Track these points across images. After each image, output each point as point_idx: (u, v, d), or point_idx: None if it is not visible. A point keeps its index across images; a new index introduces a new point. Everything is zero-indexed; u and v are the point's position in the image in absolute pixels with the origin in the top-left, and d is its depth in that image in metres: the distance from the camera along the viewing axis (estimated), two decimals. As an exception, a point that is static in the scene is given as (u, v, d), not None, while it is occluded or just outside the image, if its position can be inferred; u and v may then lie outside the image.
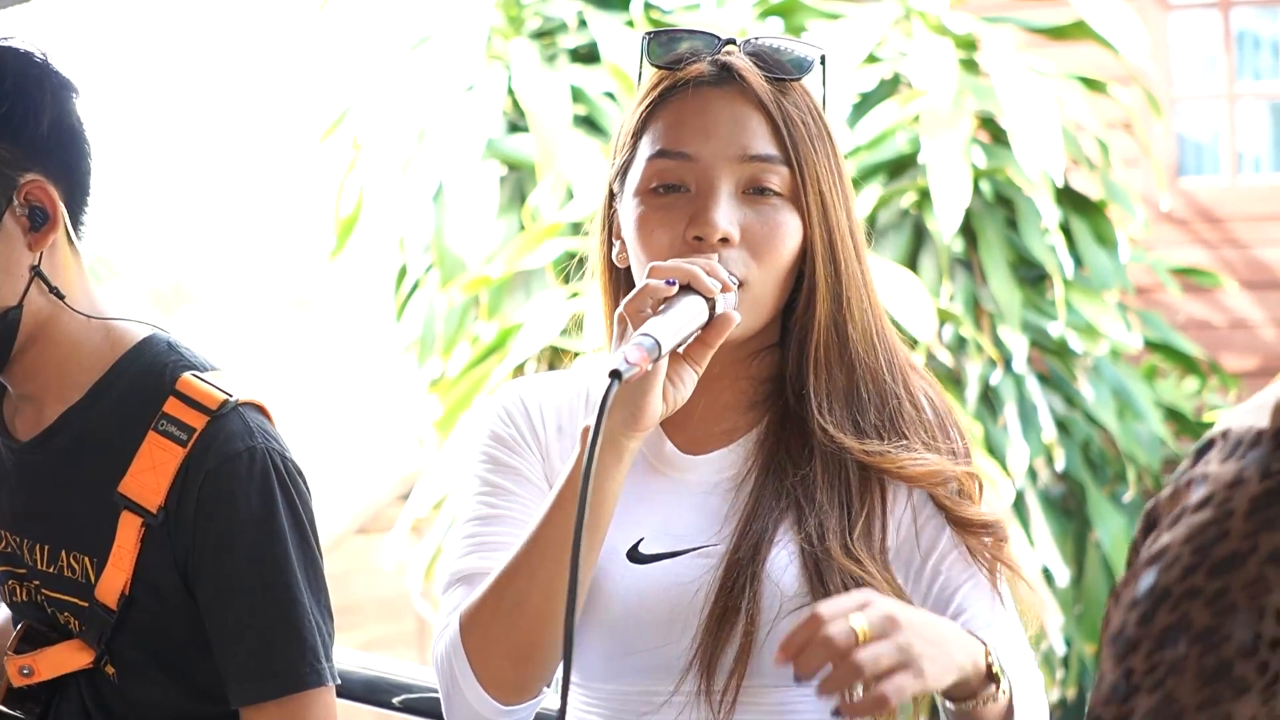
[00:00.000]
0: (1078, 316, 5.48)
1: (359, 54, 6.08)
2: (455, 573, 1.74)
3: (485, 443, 1.80)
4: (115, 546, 1.87)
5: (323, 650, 1.89)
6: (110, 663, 1.90)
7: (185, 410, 1.88)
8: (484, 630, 1.66)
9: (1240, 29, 7.64)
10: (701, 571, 1.69)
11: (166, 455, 1.87)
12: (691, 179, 1.70)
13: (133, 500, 1.87)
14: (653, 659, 1.69)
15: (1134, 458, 5.62)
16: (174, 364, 1.92)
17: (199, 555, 1.87)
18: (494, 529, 1.74)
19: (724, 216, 1.67)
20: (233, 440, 1.87)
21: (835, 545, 1.68)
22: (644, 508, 1.74)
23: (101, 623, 1.88)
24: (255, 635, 1.86)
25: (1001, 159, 5.45)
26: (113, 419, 1.91)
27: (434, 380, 5.70)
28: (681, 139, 1.71)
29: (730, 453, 1.76)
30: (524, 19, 5.98)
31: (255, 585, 1.87)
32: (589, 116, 5.70)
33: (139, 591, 1.87)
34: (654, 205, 1.70)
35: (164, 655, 1.91)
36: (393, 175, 5.70)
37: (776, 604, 1.67)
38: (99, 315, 1.94)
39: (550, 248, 5.29)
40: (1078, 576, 5.60)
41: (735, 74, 1.72)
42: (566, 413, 1.80)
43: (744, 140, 1.70)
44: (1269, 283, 7.33)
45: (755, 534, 1.69)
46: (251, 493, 1.87)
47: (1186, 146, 7.67)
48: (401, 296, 5.92)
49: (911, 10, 5.59)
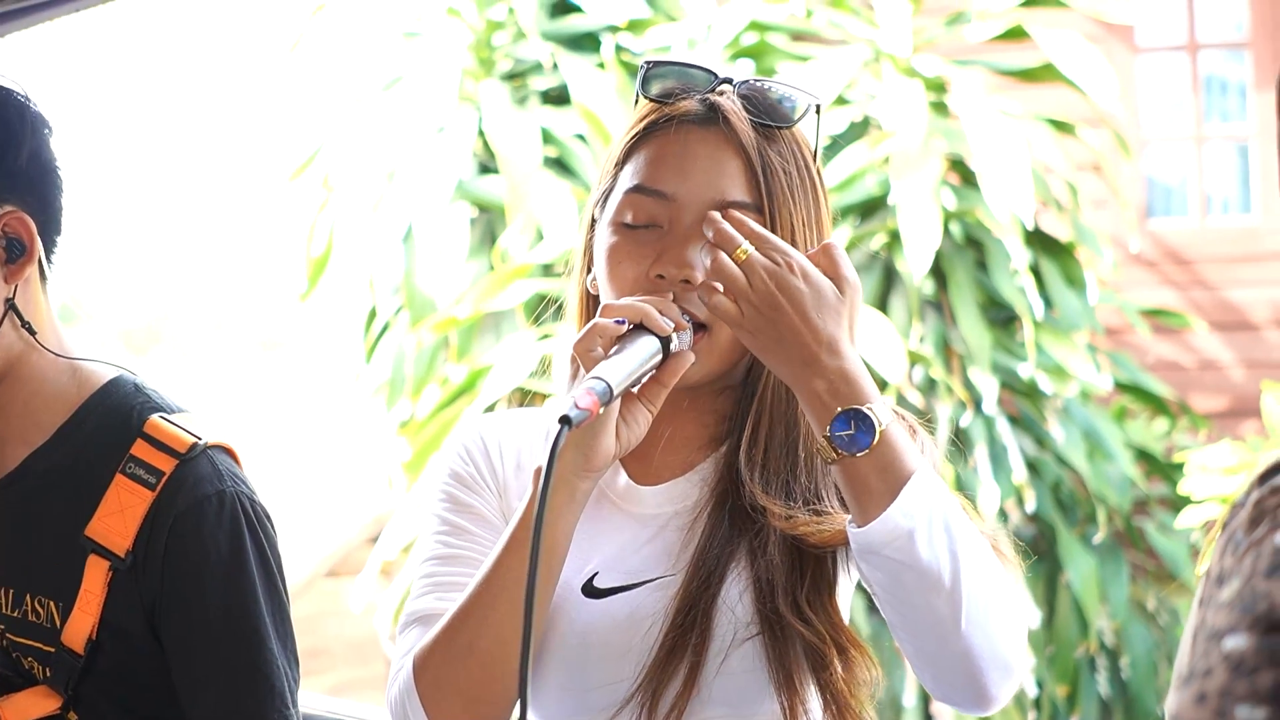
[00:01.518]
0: (1048, 358, 5.49)
1: (330, 94, 6.07)
2: (412, 613, 1.73)
3: (445, 481, 1.79)
4: (82, 590, 1.85)
5: (290, 697, 1.87)
6: (75, 709, 1.88)
7: (153, 453, 1.87)
8: (436, 673, 1.65)
9: (1208, 73, 7.69)
10: (657, 604, 1.68)
11: (134, 499, 1.85)
12: (665, 217, 1.70)
13: (100, 544, 1.85)
14: (610, 694, 1.68)
15: (1104, 499, 5.62)
16: (141, 406, 1.91)
17: (166, 600, 1.85)
18: (451, 569, 1.74)
19: (689, 257, 1.67)
20: (201, 484, 1.86)
21: (783, 605, 1.67)
22: (598, 540, 1.74)
23: (68, 668, 1.86)
24: (223, 681, 1.85)
25: (971, 201, 5.46)
26: (79, 461, 1.89)
27: (403, 422, 5.67)
28: (659, 176, 1.70)
29: (685, 482, 1.76)
30: (495, 61, 5.99)
31: (223, 631, 1.85)
32: (560, 158, 5.71)
33: (106, 636, 1.85)
34: (625, 238, 1.71)
35: (130, 701, 1.89)
36: (363, 216, 5.69)
37: (731, 633, 1.66)
38: (67, 355, 1.93)
39: (520, 289, 5.28)
40: (1049, 618, 5.59)
41: (721, 115, 1.72)
42: (527, 450, 1.80)
43: (720, 184, 1.70)
44: (1238, 324, 7.35)
45: (710, 565, 1.69)
46: (220, 537, 1.85)
47: (1155, 189, 7.70)
48: (371, 338, 5.90)
49: (881, 53, 5.61)
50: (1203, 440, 6.43)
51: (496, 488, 1.78)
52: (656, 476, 1.77)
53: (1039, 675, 5.49)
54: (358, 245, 5.71)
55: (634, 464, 1.78)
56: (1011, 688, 1.58)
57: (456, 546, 1.75)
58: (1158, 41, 7.67)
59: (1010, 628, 1.56)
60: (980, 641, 1.54)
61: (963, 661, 1.55)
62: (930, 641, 1.55)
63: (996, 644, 1.55)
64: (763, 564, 1.68)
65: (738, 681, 1.67)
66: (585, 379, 1.55)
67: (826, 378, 1.54)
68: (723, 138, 1.71)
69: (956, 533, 1.54)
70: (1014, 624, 1.57)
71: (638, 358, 1.59)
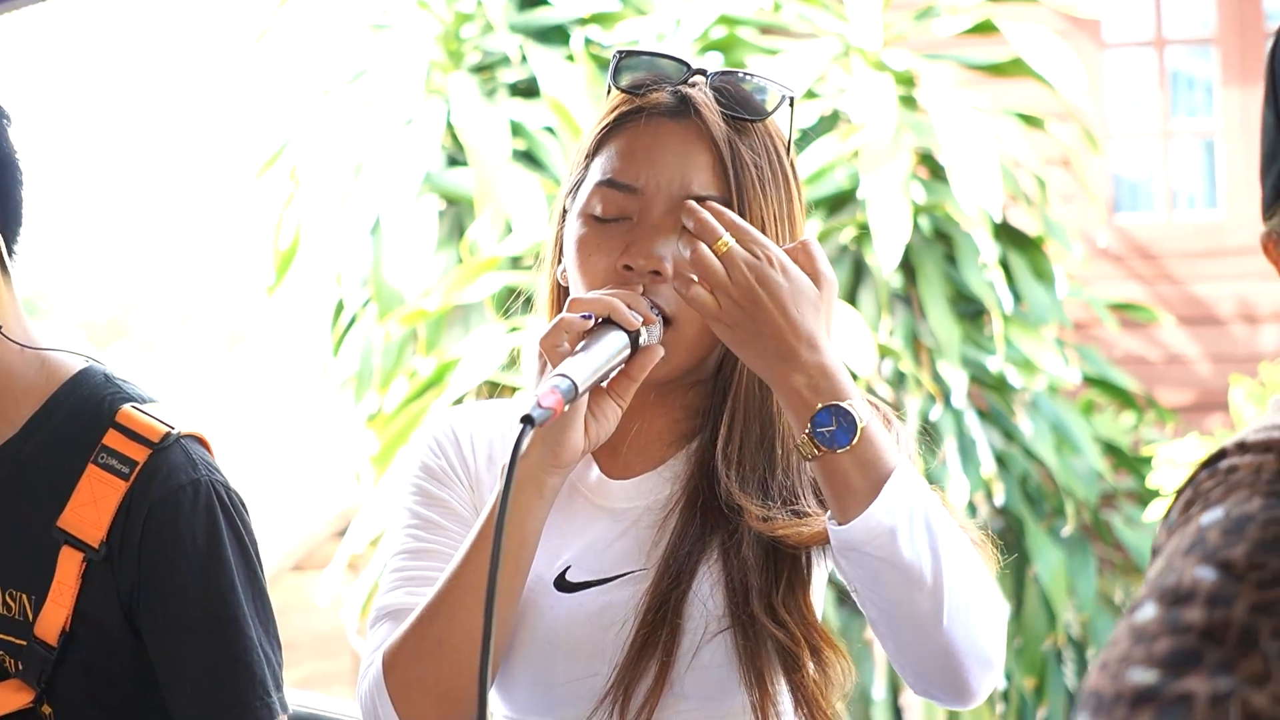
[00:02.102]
0: (1016, 352, 5.50)
1: (297, 87, 6.05)
2: (382, 608, 1.72)
3: (415, 474, 1.78)
4: (55, 583, 1.84)
5: (272, 682, 1.87)
6: (48, 702, 1.87)
7: (126, 443, 1.86)
8: (405, 669, 1.63)
9: (1175, 68, 7.72)
10: (629, 598, 1.68)
11: (108, 489, 1.84)
12: (634, 209, 1.68)
13: (73, 535, 1.84)
14: (581, 689, 1.68)
15: (1072, 492, 5.64)
16: (112, 396, 1.90)
17: (144, 591, 1.84)
18: (421, 563, 1.73)
19: (656, 249, 1.65)
20: (176, 473, 1.85)
21: (756, 607, 1.66)
22: (570, 534, 1.73)
23: (41, 661, 1.84)
24: (204, 670, 1.84)
25: (940, 195, 5.47)
26: (50, 452, 1.88)
27: (371, 415, 5.66)
28: (628, 170, 1.69)
29: (656, 477, 1.75)
30: (463, 53, 5.97)
31: (202, 619, 1.84)
32: (528, 151, 5.69)
33: (79, 628, 1.84)
34: (595, 230, 1.69)
35: (104, 693, 1.88)
36: (330, 209, 5.67)
37: (702, 627, 1.66)
38: (34, 346, 1.92)
39: (489, 281, 5.27)
40: (1017, 611, 5.61)
41: (692, 107, 1.70)
42: (499, 442, 1.79)
43: (689, 176, 1.68)
44: (1204, 318, 7.39)
45: (681, 561, 1.68)
46: (197, 526, 1.85)
47: (1122, 184, 7.73)
48: (339, 331, 5.89)
49: (850, 47, 5.61)
50: (1170, 434, 6.46)
51: (469, 480, 1.77)
52: (628, 470, 1.76)
53: (1007, 668, 5.51)
54: (325, 238, 5.69)
55: (606, 458, 1.77)
56: (992, 681, 1.58)
57: (426, 540, 1.74)
58: (1125, 37, 7.70)
59: (991, 622, 1.56)
60: (961, 637, 1.54)
61: (944, 657, 1.54)
62: (911, 638, 1.54)
63: (977, 639, 1.55)
64: (736, 564, 1.67)
65: (710, 676, 1.66)
66: (550, 375, 1.53)
67: (806, 373, 1.53)
68: (694, 130, 1.69)
69: (938, 529, 1.53)
70: (994, 618, 1.57)
71: (605, 353, 1.58)
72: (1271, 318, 7.32)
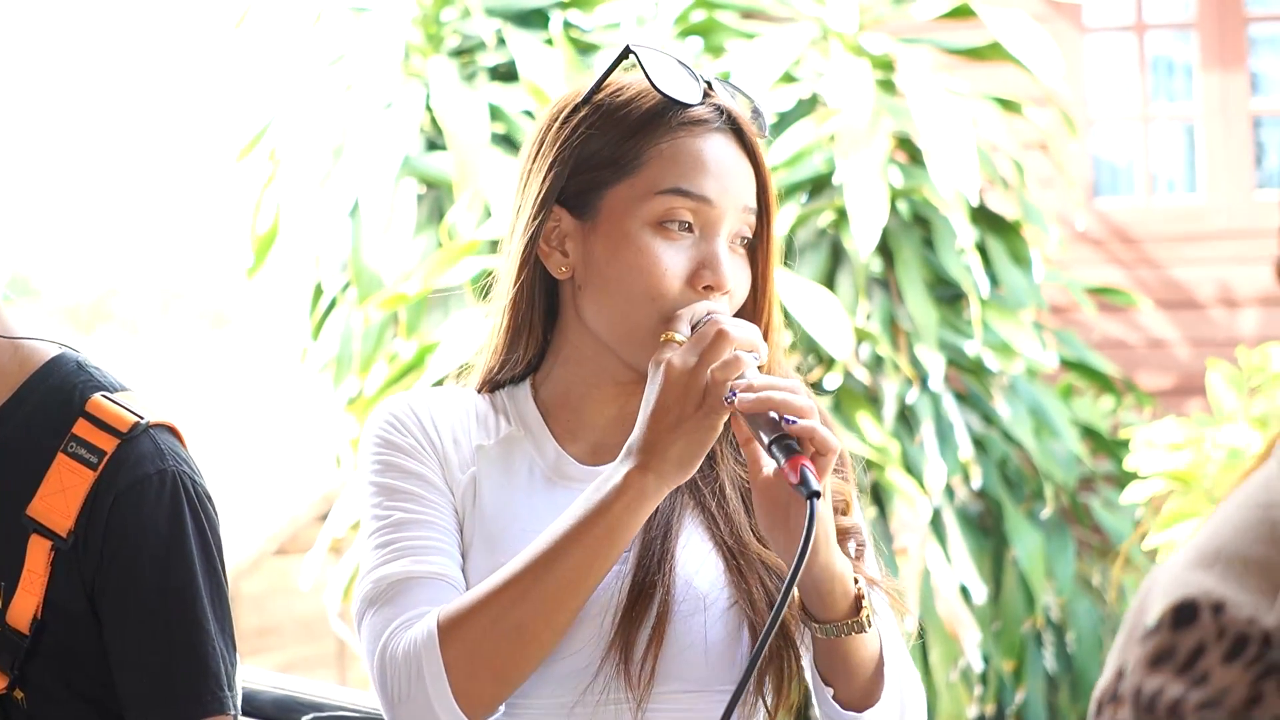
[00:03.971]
0: (994, 335, 5.52)
1: (277, 70, 6.04)
2: (384, 577, 1.71)
3: (378, 451, 1.78)
4: (25, 571, 1.84)
5: (225, 679, 1.87)
6: (21, 688, 1.87)
7: (95, 432, 1.86)
8: (473, 646, 1.64)
9: (1155, 53, 7.73)
10: (611, 579, 1.69)
11: (76, 478, 1.84)
12: (700, 222, 1.71)
13: (41, 523, 1.84)
14: (571, 664, 1.69)
15: (1051, 475, 5.66)
16: (83, 384, 1.90)
17: (104, 579, 1.84)
18: (412, 533, 1.73)
19: (727, 269, 1.71)
20: (143, 463, 1.85)
21: (746, 535, 1.72)
22: (549, 522, 1.75)
23: (14, 648, 1.85)
24: (158, 661, 1.84)
25: (918, 179, 5.48)
26: (21, 440, 1.88)
27: (351, 399, 5.66)
28: (703, 182, 1.71)
29: None
30: (443, 37, 5.97)
31: (159, 610, 1.84)
32: (507, 135, 5.70)
33: (50, 616, 1.85)
34: (667, 240, 1.71)
35: (75, 679, 1.88)
36: (310, 192, 5.67)
37: (688, 601, 1.69)
38: (8, 333, 1.92)
39: (468, 265, 5.27)
40: (995, 594, 5.64)
41: (734, 122, 1.74)
42: (461, 426, 1.80)
43: (746, 190, 1.74)
44: (1183, 302, 7.41)
45: (659, 536, 1.71)
46: (160, 517, 1.85)
47: (1102, 168, 7.75)
48: (318, 314, 5.88)
49: (828, 31, 5.62)
50: (1148, 418, 6.48)
51: (438, 456, 1.78)
52: (600, 456, 1.78)
53: (985, 650, 5.53)
54: (304, 222, 5.69)
55: (575, 446, 1.80)
56: None
57: (412, 511, 1.74)
58: (1105, 21, 7.72)
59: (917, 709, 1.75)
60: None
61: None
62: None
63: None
64: (718, 505, 1.74)
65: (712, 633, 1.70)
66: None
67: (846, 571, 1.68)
68: (738, 143, 1.74)
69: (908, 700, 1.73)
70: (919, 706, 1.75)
71: None
72: (1251, 302, 7.35)
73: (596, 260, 1.73)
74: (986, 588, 5.55)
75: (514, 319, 1.79)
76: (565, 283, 1.77)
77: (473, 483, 1.77)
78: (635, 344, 1.72)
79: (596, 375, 1.78)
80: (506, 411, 1.81)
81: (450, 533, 1.74)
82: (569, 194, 1.75)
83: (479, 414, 1.81)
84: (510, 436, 1.80)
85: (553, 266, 1.76)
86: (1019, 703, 5.68)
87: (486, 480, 1.77)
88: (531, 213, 1.76)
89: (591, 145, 1.74)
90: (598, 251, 1.73)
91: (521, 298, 1.78)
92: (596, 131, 1.74)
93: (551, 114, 1.79)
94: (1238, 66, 7.40)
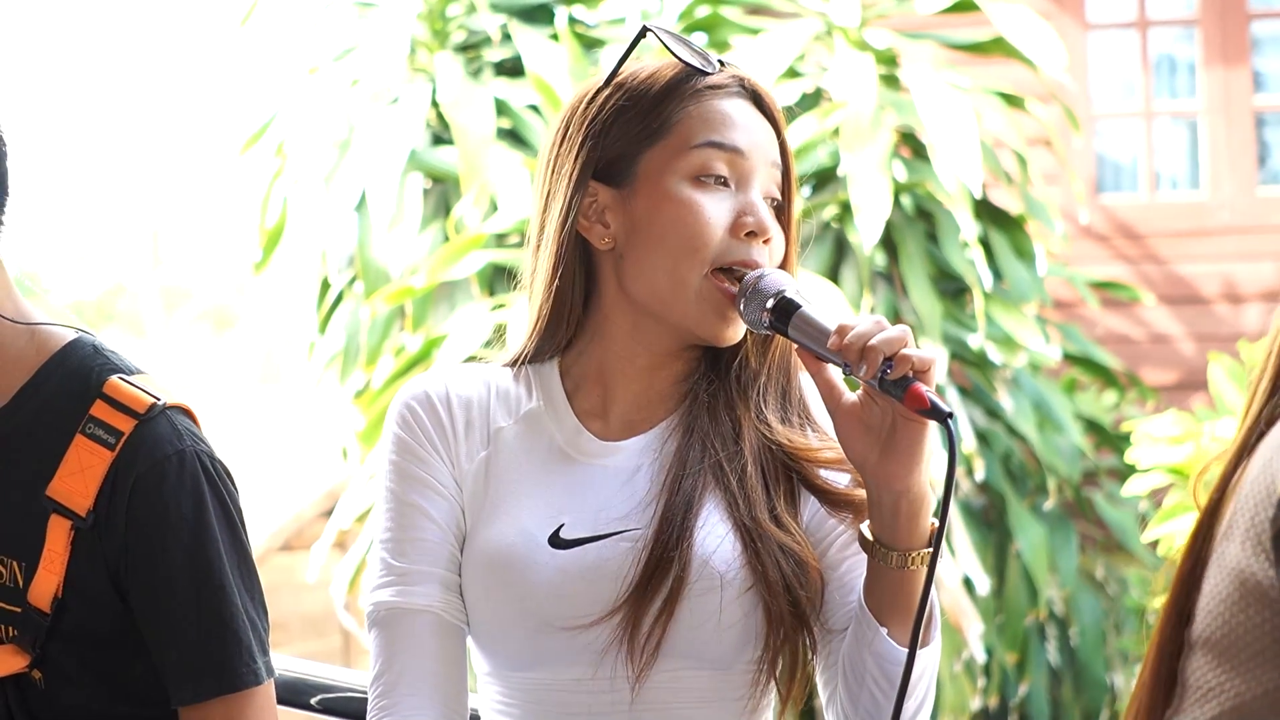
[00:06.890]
0: (997, 329, 5.53)
1: (283, 65, 6.06)
2: (374, 606, 1.81)
3: (392, 454, 1.83)
4: (45, 550, 1.87)
5: (257, 647, 1.90)
6: (39, 667, 1.90)
7: (113, 414, 1.88)
8: None
9: (1158, 50, 7.75)
10: (625, 553, 1.72)
11: (94, 459, 1.87)
12: (735, 174, 1.77)
13: (61, 503, 1.87)
14: (573, 641, 1.72)
15: (1054, 469, 5.68)
16: (101, 367, 1.92)
17: (131, 559, 1.87)
18: (406, 561, 1.79)
19: (765, 215, 1.78)
20: (161, 444, 1.87)
21: (764, 516, 1.75)
22: (565, 496, 1.77)
23: (36, 627, 1.87)
24: (190, 636, 1.87)
25: (922, 173, 5.50)
26: (40, 422, 1.90)
27: (358, 392, 5.68)
28: (732, 134, 1.78)
29: (651, 437, 1.80)
30: (449, 32, 5.99)
31: (189, 587, 1.87)
32: (513, 129, 5.71)
33: (70, 595, 1.87)
34: (707, 193, 1.77)
35: (93, 659, 1.91)
36: (316, 187, 5.69)
37: (704, 581, 1.71)
38: (25, 319, 1.94)
39: (474, 259, 5.29)
40: (999, 586, 5.65)
41: (758, 94, 1.82)
42: (479, 408, 1.83)
43: (771, 148, 1.80)
44: (1187, 297, 7.42)
45: (680, 513, 1.74)
46: (182, 496, 1.87)
47: (1105, 164, 7.76)
48: (325, 308, 5.90)
49: (833, 26, 5.64)
50: (1150, 411, 6.50)
51: (448, 453, 1.81)
52: (619, 432, 1.81)
53: (989, 643, 5.55)
54: (311, 216, 5.71)
55: (595, 422, 1.82)
56: None
57: (411, 529, 1.79)
58: (1108, 18, 7.73)
59: None
60: None
61: None
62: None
63: None
64: (738, 482, 1.76)
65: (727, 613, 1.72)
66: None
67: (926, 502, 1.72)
68: (757, 109, 1.82)
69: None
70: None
71: None
72: (1254, 297, 7.36)
73: (639, 222, 1.78)
74: (990, 580, 5.57)
75: (558, 299, 1.82)
76: (605, 256, 1.81)
77: (484, 464, 1.80)
78: (683, 300, 1.76)
79: (630, 349, 1.81)
80: (531, 386, 1.85)
81: (447, 543, 1.79)
82: (603, 167, 1.80)
83: (502, 391, 1.85)
84: (533, 412, 1.83)
85: (595, 239, 1.80)
86: (1022, 695, 5.69)
87: (499, 459, 1.81)
88: (567, 192, 1.80)
89: (621, 118, 1.79)
90: (639, 213, 1.78)
91: (564, 278, 1.81)
92: (624, 105, 1.79)
93: (574, 101, 1.84)
94: (1240, 63, 7.41)
